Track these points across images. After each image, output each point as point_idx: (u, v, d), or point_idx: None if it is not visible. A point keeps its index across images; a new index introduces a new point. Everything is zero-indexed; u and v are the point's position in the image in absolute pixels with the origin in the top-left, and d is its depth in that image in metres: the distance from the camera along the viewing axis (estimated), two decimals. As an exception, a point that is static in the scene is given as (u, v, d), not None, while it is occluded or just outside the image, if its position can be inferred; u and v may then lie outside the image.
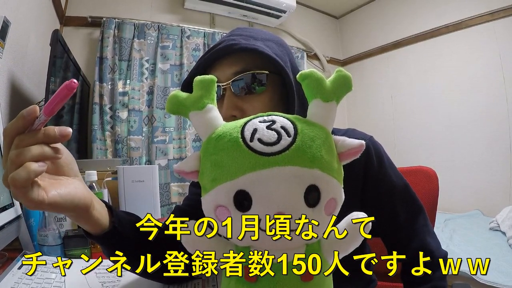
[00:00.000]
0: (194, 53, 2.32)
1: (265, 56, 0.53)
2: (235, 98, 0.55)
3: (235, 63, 0.55)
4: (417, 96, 2.66)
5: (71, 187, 0.37)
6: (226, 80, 0.55)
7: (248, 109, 0.54)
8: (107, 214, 0.45)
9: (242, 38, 0.56)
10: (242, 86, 0.55)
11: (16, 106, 1.15)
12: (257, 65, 0.55)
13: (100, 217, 0.43)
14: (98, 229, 0.44)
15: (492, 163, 2.19)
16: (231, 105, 0.54)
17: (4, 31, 0.91)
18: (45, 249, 0.73)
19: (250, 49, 0.53)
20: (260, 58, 0.55)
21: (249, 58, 0.55)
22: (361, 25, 3.19)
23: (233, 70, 0.55)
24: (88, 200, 0.40)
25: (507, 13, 2.11)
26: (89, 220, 0.42)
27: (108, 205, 0.47)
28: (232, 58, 0.55)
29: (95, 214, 0.42)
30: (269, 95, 0.57)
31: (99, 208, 0.43)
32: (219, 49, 0.55)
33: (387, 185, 0.60)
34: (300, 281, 0.31)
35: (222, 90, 0.55)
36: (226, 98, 0.55)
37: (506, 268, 1.25)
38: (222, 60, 0.56)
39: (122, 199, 1.09)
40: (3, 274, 0.56)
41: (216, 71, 0.57)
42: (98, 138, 1.96)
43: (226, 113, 0.54)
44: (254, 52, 0.53)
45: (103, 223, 0.44)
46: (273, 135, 0.30)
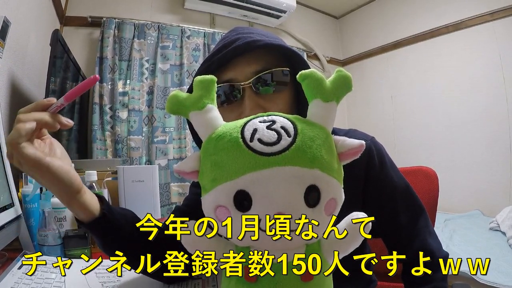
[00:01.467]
0: (194, 53, 2.33)
1: (285, 52, 0.52)
2: (257, 98, 0.52)
3: (255, 61, 0.52)
4: (417, 96, 2.66)
5: (66, 166, 0.41)
6: (245, 79, 0.52)
7: (272, 108, 0.52)
8: (97, 203, 0.47)
9: (257, 35, 0.53)
10: (264, 85, 0.52)
11: (16, 106, 1.15)
12: (276, 63, 0.53)
13: (90, 202, 0.45)
14: (89, 215, 0.45)
15: (492, 163, 2.18)
16: (255, 105, 0.51)
17: (4, 31, 0.91)
18: (45, 249, 0.72)
19: (276, 45, 0.52)
20: (277, 56, 0.54)
21: (267, 55, 0.53)
22: (361, 25, 3.19)
23: (254, 68, 0.52)
24: (79, 183, 0.43)
25: (507, 13, 2.11)
26: (80, 204, 0.44)
27: (100, 196, 0.49)
28: (250, 56, 0.52)
29: (86, 199, 0.44)
30: (291, 93, 0.56)
31: (90, 195, 0.46)
32: (238, 46, 0.51)
33: (389, 186, 0.60)
34: (300, 281, 0.31)
35: (241, 90, 0.52)
36: (247, 97, 0.52)
37: (506, 268, 1.25)
38: (239, 59, 0.52)
39: (122, 199, 1.09)
40: (3, 274, 0.56)
41: (231, 70, 0.53)
42: (98, 138, 1.96)
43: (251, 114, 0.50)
44: (275, 49, 0.52)
45: (94, 209, 0.46)
46: (273, 135, 0.30)
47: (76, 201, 0.43)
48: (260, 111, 0.51)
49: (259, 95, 0.53)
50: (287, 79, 0.54)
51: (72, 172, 0.42)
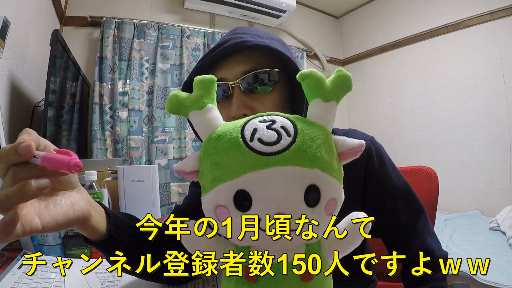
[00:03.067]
0: (194, 53, 2.33)
1: (275, 53, 0.53)
2: (245, 97, 0.53)
3: (244, 61, 0.54)
4: (417, 96, 2.66)
5: (67, 206, 0.35)
6: (234, 79, 0.54)
7: (259, 108, 0.53)
8: (104, 222, 0.45)
9: (249, 36, 0.55)
10: (252, 85, 0.53)
11: (16, 106, 1.15)
12: (266, 63, 0.54)
13: (97, 225, 0.42)
14: (95, 236, 0.43)
15: (492, 163, 2.18)
16: (242, 104, 0.53)
17: (4, 31, 0.91)
18: (45, 249, 0.73)
19: (262, 46, 0.52)
20: (268, 56, 0.54)
21: (258, 56, 0.54)
22: (361, 25, 3.19)
23: (243, 68, 0.54)
24: (85, 214, 0.38)
25: (507, 13, 2.10)
26: (86, 229, 0.41)
27: (107, 211, 0.46)
28: (240, 56, 0.54)
29: (92, 224, 0.41)
30: (279, 93, 0.56)
31: (97, 216, 0.42)
32: (228, 46, 0.53)
33: (388, 186, 0.60)
34: (300, 281, 0.31)
35: (230, 89, 0.54)
36: (235, 97, 0.53)
37: (506, 268, 1.25)
38: (229, 59, 0.54)
39: (122, 199, 1.09)
40: (3, 274, 0.56)
41: (222, 70, 0.55)
42: (98, 138, 1.96)
43: (237, 112, 0.52)
44: (264, 49, 0.53)
45: (100, 231, 0.43)
46: (273, 135, 0.30)
47: (81, 229, 0.41)
48: (246, 111, 0.52)
49: (246, 95, 0.54)
50: (275, 79, 0.55)
51: (76, 211, 0.36)
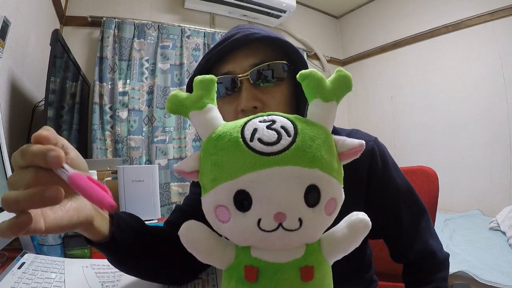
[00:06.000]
0: (194, 53, 2.33)
1: (283, 47, 0.53)
2: (254, 90, 0.53)
3: (252, 54, 0.53)
4: (417, 96, 2.66)
5: (73, 211, 0.34)
6: (242, 72, 0.53)
7: (269, 100, 0.53)
8: (107, 224, 0.44)
9: (256, 30, 0.54)
10: (262, 77, 0.53)
11: (16, 106, 1.15)
12: (274, 56, 0.54)
13: (99, 228, 0.41)
14: (97, 238, 0.42)
15: (492, 163, 2.18)
16: (252, 97, 0.52)
17: (4, 31, 0.91)
18: (45, 248, 0.73)
19: (273, 38, 0.52)
20: (276, 49, 0.54)
21: (265, 49, 0.54)
22: (361, 25, 3.19)
23: (251, 61, 0.53)
24: (89, 219, 0.37)
25: (507, 13, 2.10)
26: (88, 232, 0.40)
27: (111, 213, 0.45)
28: (248, 49, 0.53)
29: (95, 227, 0.40)
30: (288, 86, 0.56)
31: (100, 219, 0.41)
32: (237, 38, 0.52)
33: (391, 187, 0.60)
34: (300, 281, 0.31)
35: (239, 82, 0.53)
36: (244, 89, 0.52)
37: (506, 268, 1.25)
38: (236, 52, 0.54)
39: (122, 199, 1.09)
40: (3, 274, 0.56)
41: (230, 63, 0.54)
42: (98, 138, 1.96)
43: (247, 105, 0.51)
44: (273, 42, 0.52)
45: (102, 233, 0.42)
46: (273, 135, 0.30)
47: (86, 231, 0.40)
48: (256, 103, 0.52)
49: (256, 87, 0.53)
50: (284, 73, 0.55)
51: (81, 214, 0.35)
